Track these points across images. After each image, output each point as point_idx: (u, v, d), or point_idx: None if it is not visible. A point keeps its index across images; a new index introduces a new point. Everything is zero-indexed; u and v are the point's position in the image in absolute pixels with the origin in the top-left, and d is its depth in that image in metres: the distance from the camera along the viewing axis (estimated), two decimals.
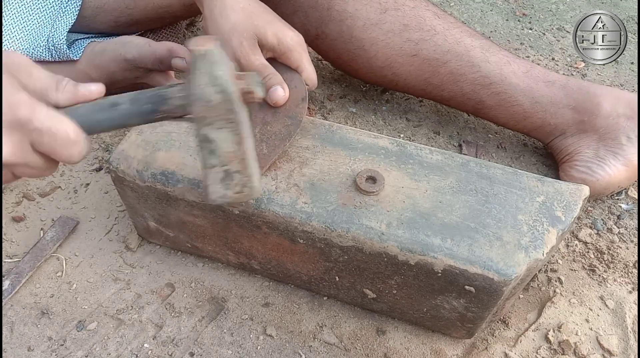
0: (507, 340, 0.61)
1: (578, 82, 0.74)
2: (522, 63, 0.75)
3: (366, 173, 0.53)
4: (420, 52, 0.74)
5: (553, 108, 0.73)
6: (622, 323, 0.63)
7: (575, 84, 0.74)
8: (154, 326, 0.60)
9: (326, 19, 0.75)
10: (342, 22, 0.74)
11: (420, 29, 0.73)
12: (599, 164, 0.71)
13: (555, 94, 0.73)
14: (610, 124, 0.71)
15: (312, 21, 0.76)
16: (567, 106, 0.73)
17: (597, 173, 0.71)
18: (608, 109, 0.71)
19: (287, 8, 0.78)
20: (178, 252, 0.67)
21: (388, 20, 0.73)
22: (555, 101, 0.73)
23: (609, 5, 1.14)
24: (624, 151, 0.71)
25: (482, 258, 0.48)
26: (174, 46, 0.73)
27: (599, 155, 0.71)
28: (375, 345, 0.60)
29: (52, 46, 0.73)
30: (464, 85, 0.75)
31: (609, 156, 0.71)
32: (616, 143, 0.71)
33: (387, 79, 0.79)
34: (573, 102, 0.73)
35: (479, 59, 0.73)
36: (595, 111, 0.72)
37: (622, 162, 0.71)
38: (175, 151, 0.56)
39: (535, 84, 0.73)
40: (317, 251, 0.54)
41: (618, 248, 0.69)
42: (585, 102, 0.72)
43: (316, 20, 0.75)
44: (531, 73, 0.74)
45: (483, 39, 0.76)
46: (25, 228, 0.68)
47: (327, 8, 0.74)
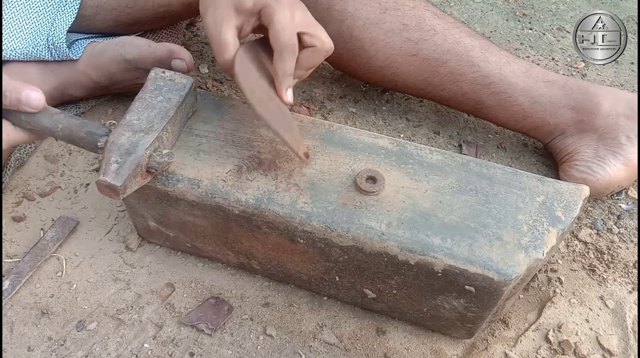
0: (507, 340, 0.61)
1: (577, 82, 0.74)
2: (522, 63, 0.75)
3: (366, 173, 0.53)
4: (419, 52, 0.74)
5: (552, 108, 0.74)
6: (622, 323, 0.63)
7: (575, 84, 0.74)
8: (154, 326, 0.60)
9: (326, 19, 0.74)
10: (342, 22, 0.74)
11: (420, 29, 0.73)
12: (598, 164, 0.71)
13: (554, 93, 0.73)
14: (610, 124, 0.71)
15: None
16: (566, 105, 0.73)
17: (597, 172, 0.71)
18: (607, 109, 0.72)
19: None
20: (178, 252, 0.67)
21: (388, 20, 0.73)
22: (554, 101, 0.73)
23: (609, 5, 1.14)
24: (623, 150, 0.71)
25: (482, 258, 0.48)
26: (174, 47, 0.73)
27: (598, 155, 0.72)
28: (375, 345, 0.60)
29: (52, 45, 0.73)
30: (464, 85, 0.75)
31: (609, 155, 0.71)
32: (616, 142, 0.71)
33: (386, 78, 0.79)
34: (572, 102, 0.73)
35: (478, 59, 0.73)
36: (594, 110, 0.72)
37: (622, 161, 0.71)
38: (175, 151, 0.56)
39: (534, 84, 0.73)
40: (317, 251, 0.54)
41: (618, 248, 0.70)
42: (584, 101, 0.72)
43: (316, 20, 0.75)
44: (530, 73, 0.74)
45: (482, 38, 0.76)
46: (25, 228, 0.69)
47: (326, 8, 0.74)
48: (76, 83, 0.78)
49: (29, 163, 0.76)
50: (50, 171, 0.75)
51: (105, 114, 0.83)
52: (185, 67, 0.73)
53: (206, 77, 0.92)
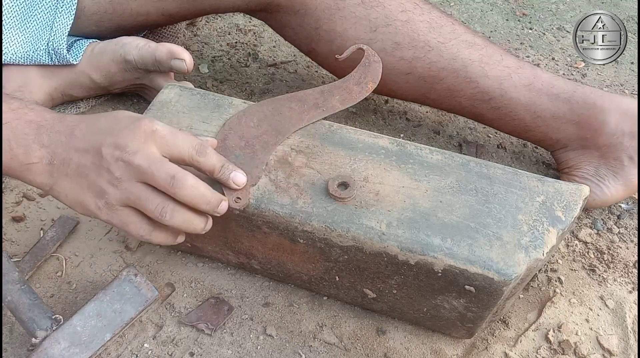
0: (507, 340, 0.61)
1: (584, 94, 0.70)
2: (525, 74, 0.71)
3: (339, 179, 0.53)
4: (414, 71, 0.71)
5: (555, 123, 0.71)
6: (622, 323, 0.63)
7: (581, 97, 0.70)
8: (154, 326, 0.60)
9: (315, 38, 0.73)
10: (332, 42, 0.72)
11: (414, 47, 0.70)
12: (597, 184, 0.70)
13: (558, 108, 0.70)
14: (614, 144, 0.69)
15: (301, 38, 0.75)
16: (570, 121, 0.70)
17: (595, 192, 0.69)
18: (613, 128, 0.69)
19: (277, 23, 0.76)
20: (178, 252, 0.67)
21: (379, 39, 0.70)
22: (558, 116, 0.71)
23: (609, 5, 1.14)
24: (624, 171, 0.69)
25: (482, 257, 0.48)
26: (174, 47, 0.73)
27: (599, 174, 0.70)
28: (375, 345, 0.60)
29: (52, 49, 0.73)
30: (463, 100, 0.73)
31: (609, 175, 0.69)
32: (618, 162, 0.69)
33: (383, 93, 0.79)
34: (577, 117, 0.70)
35: (477, 75, 0.70)
36: (599, 128, 0.69)
37: (621, 183, 0.69)
38: None
39: (537, 98, 0.70)
40: (317, 251, 0.54)
41: (618, 248, 0.70)
42: (589, 118, 0.69)
43: (305, 38, 0.74)
44: (534, 86, 0.71)
45: (483, 48, 0.72)
46: (25, 228, 0.68)
47: (314, 27, 0.72)
48: (76, 84, 0.78)
49: None
50: None
51: None
52: (185, 68, 0.73)
53: (206, 77, 0.92)
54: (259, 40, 1.00)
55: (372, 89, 0.61)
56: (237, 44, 1.00)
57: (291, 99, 0.60)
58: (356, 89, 0.61)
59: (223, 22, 1.04)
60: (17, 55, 0.73)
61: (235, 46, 0.99)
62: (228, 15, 1.05)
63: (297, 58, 0.97)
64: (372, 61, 0.62)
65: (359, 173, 0.54)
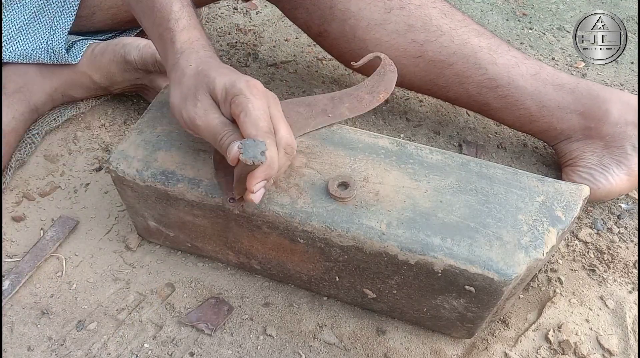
0: (507, 340, 0.61)
1: (588, 85, 0.72)
2: (532, 64, 0.73)
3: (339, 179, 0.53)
4: (425, 54, 0.73)
5: (560, 113, 0.72)
6: (622, 323, 0.63)
7: (585, 88, 0.72)
8: (154, 326, 0.60)
9: (329, 18, 0.73)
10: (345, 21, 0.73)
11: (426, 30, 0.72)
12: (601, 173, 0.70)
13: (563, 98, 0.72)
14: (617, 132, 0.70)
15: (314, 19, 0.75)
16: (574, 111, 0.72)
17: (599, 181, 0.70)
18: (616, 117, 0.70)
19: (289, 4, 0.77)
20: (178, 252, 0.67)
21: (392, 21, 0.72)
22: (563, 106, 0.72)
23: (609, 5, 1.14)
24: (628, 160, 0.70)
25: (482, 257, 0.48)
26: None
27: (603, 163, 0.71)
28: (375, 345, 0.60)
29: (51, 49, 0.73)
30: (470, 87, 0.74)
31: (613, 164, 0.70)
32: (621, 151, 0.70)
33: None
34: (581, 107, 0.71)
35: (486, 62, 0.72)
36: (603, 117, 0.70)
37: (625, 171, 0.70)
38: (176, 151, 0.56)
39: (543, 88, 0.72)
40: (317, 251, 0.54)
41: (618, 248, 0.70)
42: (593, 107, 0.71)
43: (318, 18, 0.74)
44: (540, 76, 0.72)
45: (492, 37, 0.74)
46: (25, 228, 0.69)
47: (329, 6, 0.73)
48: (76, 84, 0.78)
49: (29, 162, 0.76)
50: (50, 171, 0.75)
51: (105, 114, 0.83)
52: None
53: None
54: (259, 41, 1.01)
55: (383, 99, 0.61)
56: (237, 44, 1.00)
57: (299, 103, 0.59)
58: (367, 98, 0.60)
59: (223, 22, 1.04)
60: (16, 54, 0.73)
61: (235, 45, 0.99)
62: (228, 15, 1.06)
63: (297, 58, 0.97)
64: (387, 70, 0.61)
65: (359, 173, 0.54)
